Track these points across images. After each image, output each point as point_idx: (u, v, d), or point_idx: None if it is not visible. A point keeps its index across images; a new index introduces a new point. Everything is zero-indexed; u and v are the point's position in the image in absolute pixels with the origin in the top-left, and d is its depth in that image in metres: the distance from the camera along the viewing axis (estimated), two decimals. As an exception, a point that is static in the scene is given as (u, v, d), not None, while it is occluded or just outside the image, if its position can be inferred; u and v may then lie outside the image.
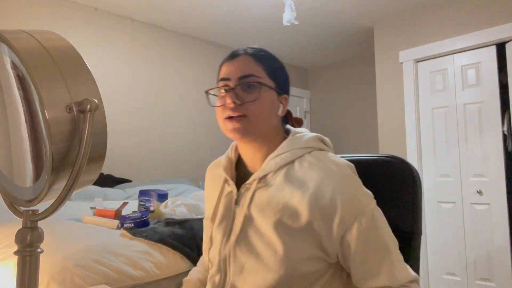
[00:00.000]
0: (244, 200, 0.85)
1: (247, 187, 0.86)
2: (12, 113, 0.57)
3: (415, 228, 0.90)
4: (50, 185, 0.53)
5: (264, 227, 0.80)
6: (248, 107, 0.82)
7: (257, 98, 0.83)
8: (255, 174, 0.85)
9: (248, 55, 0.88)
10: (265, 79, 0.86)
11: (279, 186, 0.82)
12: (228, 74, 0.86)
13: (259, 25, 3.71)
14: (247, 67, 0.85)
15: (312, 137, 0.89)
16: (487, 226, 2.98)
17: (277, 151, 0.85)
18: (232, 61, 0.87)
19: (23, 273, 0.56)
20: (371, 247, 0.77)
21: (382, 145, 3.63)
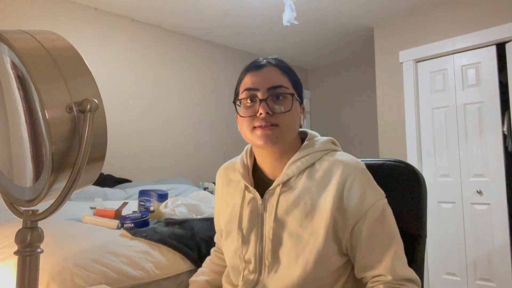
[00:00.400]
0: (271, 205, 0.88)
1: (271, 192, 0.89)
2: (12, 113, 0.57)
3: (420, 231, 0.93)
4: (50, 185, 0.53)
5: (296, 228, 0.84)
6: (279, 117, 0.86)
7: (289, 108, 0.86)
8: (278, 179, 0.88)
9: (274, 66, 0.90)
10: (291, 90, 0.90)
11: (304, 187, 0.86)
12: (255, 85, 0.88)
13: (259, 25, 3.71)
14: (275, 78, 0.88)
15: (327, 140, 0.94)
16: (487, 226, 2.98)
17: (297, 155, 0.89)
18: (259, 71, 0.89)
19: (23, 273, 0.56)
20: (377, 239, 0.82)
21: (382, 145, 3.63)
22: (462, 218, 3.12)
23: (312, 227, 0.83)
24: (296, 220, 0.85)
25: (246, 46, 4.30)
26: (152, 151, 3.55)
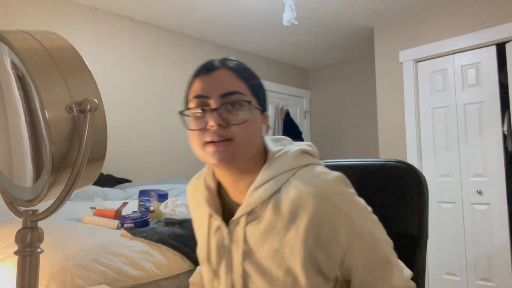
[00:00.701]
0: (237, 236, 0.77)
1: (236, 222, 0.78)
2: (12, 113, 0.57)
3: (421, 232, 0.91)
4: (50, 185, 0.53)
5: (268, 265, 0.74)
6: (234, 130, 0.72)
7: (246, 120, 0.73)
8: (241, 210, 0.77)
9: (228, 68, 0.77)
10: (249, 97, 0.76)
11: (270, 223, 0.74)
12: (205, 91, 0.74)
13: (259, 25, 3.71)
14: (229, 82, 0.75)
15: (294, 153, 0.79)
16: (487, 226, 2.98)
17: (258, 180, 0.76)
18: (210, 75, 0.76)
19: (23, 273, 0.56)
20: (373, 264, 0.74)
21: (382, 145, 3.63)
22: (462, 218, 3.12)
23: (286, 266, 0.73)
24: (266, 257, 0.74)
25: (246, 46, 4.30)
26: (152, 151, 3.55)
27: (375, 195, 0.93)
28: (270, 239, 0.74)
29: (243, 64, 0.81)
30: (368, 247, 0.73)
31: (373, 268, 0.74)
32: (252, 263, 0.76)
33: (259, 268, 0.75)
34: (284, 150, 0.80)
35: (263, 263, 0.75)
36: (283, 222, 0.73)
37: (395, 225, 0.91)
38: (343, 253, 0.73)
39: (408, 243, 0.88)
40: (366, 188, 0.92)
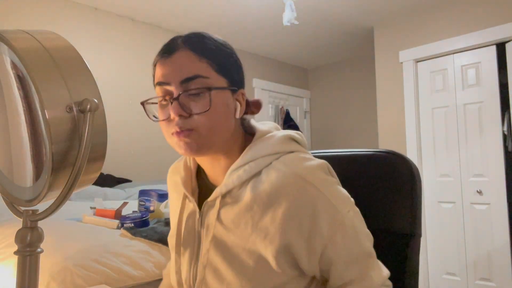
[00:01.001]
0: (209, 220, 0.72)
1: (210, 204, 0.73)
2: (12, 113, 0.57)
3: (414, 229, 0.83)
4: (50, 185, 0.53)
5: (235, 251, 0.69)
6: (197, 119, 0.67)
7: (207, 107, 0.66)
8: (217, 190, 0.72)
9: (188, 48, 0.68)
10: (214, 78, 0.68)
11: (247, 205, 0.69)
12: (166, 78, 0.68)
13: (259, 25, 3.71)
14: (189, 66, 0.67)
15: (280, 138, 0.74)
16: (487, 226, 2.98)
17: (239, 161, 0.71)
18: (169, 58, 0.68)
19: (23, 273, 0.56)
20: (354, 258, 0.69)
21: (382, 145, 3.63)
22: (462, 218, 3.12)
23: (257, 253, 0.67)
24: (237, 243, 0.69)
25: (246, 46, 4.30)
26: (152, 151, 3.55)
27: (364, 187, 0.88)
28: (244, 222, 0.69)
29: (211, 38, 0.72)
30: (350, 238, 0.69)
31: (354, 262, 0.70)
32: (221, 251, 0.70)
33: (228, 257, 0.69)
34: (271, 134, 0.76)
35: (233, 251, 0.69)
36: (260, 205, 0.68)
37: (385, 221, 0.85)
38: (324, 244, 0.68)
39: (399, 240, 0.82)
40: (354, 179, 0.88)
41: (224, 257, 0.70)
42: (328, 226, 0.67)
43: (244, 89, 0.76)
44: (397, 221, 0.85)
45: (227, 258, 0.69)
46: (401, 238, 0.83)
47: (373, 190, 0.88)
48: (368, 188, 0.88)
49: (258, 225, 0.68)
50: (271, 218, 0.67)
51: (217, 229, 0.71)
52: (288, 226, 0.66)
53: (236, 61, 0.75)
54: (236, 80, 0.73)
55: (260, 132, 0.76)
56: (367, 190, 0.88)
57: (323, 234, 0.67)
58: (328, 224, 0.67)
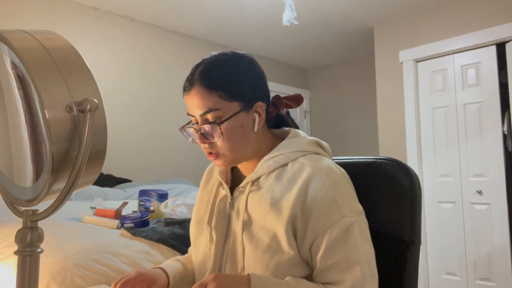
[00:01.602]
0: (240, 204, 0.83)
1: (241, 190, 0.85)
2: (12, 113, 0.57)
3: (413, 237, 0.84)
4: (50, 185, 0.53)
5: (258, 230, 0.78)
6: (219, 144, 0.80)
7: (221, 137, 0.79)
8: (248, 177, 0.84)
9: (200, 85, 0.80)
10: (226, 107, 0.79)
11: (269, 187, 0.80)
12: (191, 111, 0.82)
13: (259, 25, 3.71)
14: (202, 102, 0.79)
15: (309, 140, 0.87)
16: (487, 226, 2.98)
17: (271, 153, 0.84)
18: (189, 94, 0.82)
19: (23, 273, 0.56)
20: (335, 260, 0.73)
21: (382, 145, 3.63)
22: (462, 218, 3.12)
23: (273, 231, 0.76)
24: (258, 222, 0.79)
25: (246, 46, 4.30)
26: (152, 151, 3.55)
27: (364, 195, 0.88)
28: (264, 203, 0.79)
29: (216, 64, 0.82)
30: (336, 240, 0.73)
31: (334, 265, 0.73)
32: (247, 231, 0.80)
33: (249, 235, 0.79)
34: (302, 135, 0.89)
35: (254, 229, 0.79)
36: (281, 188, 0.79)
37: (384, 228, 0.86)
38: (316, 234, 0.74)
39: (399, 247, 0.82)
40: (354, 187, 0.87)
41: (248, 235, 0.79)
42: (323, 219, 0.74)
43: (264, 99, 0.85)
44: (397, 229, 0.85)
45: (249, 235, 0.79)
46: (400, 245, 0.84)
47: (372, 198, 0.89)
48: (368, 195, 0.89)
49: (276, 205, 0.77)
50: (287, 198, 0.77)
51: (247, 211, 0.81)
52: (297, 201, 0.75)
53: (251, 77, 0.84)
54: (249, 97, 0.82)
55: (292, 133, 0.89)
56: (367, 197, 0.88)
57: (317, 224, 0.74)
58: (324, 217, 0.74)
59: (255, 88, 0.84)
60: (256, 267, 0.76)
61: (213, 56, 0.84)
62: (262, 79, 0.87)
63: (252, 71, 0.86)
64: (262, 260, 0.76)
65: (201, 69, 0.81)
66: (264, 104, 0.84)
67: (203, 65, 0.82)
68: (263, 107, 0.84)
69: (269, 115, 0.89)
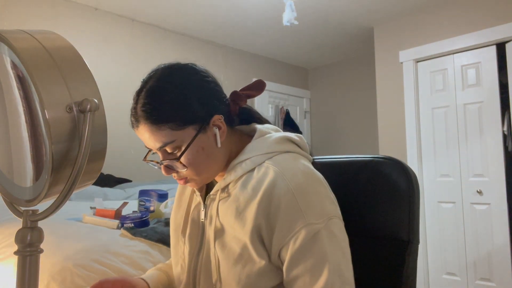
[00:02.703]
0: (212, 212, 0.79)
1: (212, 197, 0.81)
2: (12, 113, 0.57)
3: (411, 237, 0.83)
4: (50, 185, 0.53)
5: (229, 239, 0.75)
6: (185, 172, 0.77)
7: (184, 167, 0.75)
8: (217, 185, 0.80)
9: (145, 123, 0.75)
10: (180, 135, 0.74)
11: (234, 196, 0.76)
12: (147, 145, 0.79)
13: (259, 25, 3.71)
14: (154, 137, 0.75)
15: (277, 138, 0.80)
16: (487, 226, 2.98)
17: (237, 158, 0.79)
18: (138, 130, 0.78)
19: (23, 273, 0.56)
20: (299, 271, 0.69)
21: (382, 145, 3.63)
22: (462, 218, 3.12)
23: (242, 240, 0.73)
24: (229, 231, 0.75)
25: (246, 46, 4.30)
26: (152, 151, 3.54)
27: (361, 194, 0.88)
28: (230, 212, 0.75)
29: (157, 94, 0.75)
30: (301, 248, 0.69)
31: (300, 275, 0.69)
32: (218, 239, 0.77)
33: (221, 244, 0.76)
34: (269, 134, 0.82)
35: (225, 238, 0.76)
36: (246, 197, 0.74)
37: (382, 228, 0.85)
38: (281, 244, 0.70)
39: (397, 247, 0.82)
40: (351, 185, 0.88)
41: (220, 245, 0.76)
42: (287, 228, 0.69)
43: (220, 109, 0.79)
44: (395, 228, 0.84)
45: (221, 245, 0.76)
46: (398, 244, 0.83)
47: (370, 196, 0.88)
48: (366, 194, 0.88)
49: (240, 215, 0.73)
50: (250, 209, 0.73)
51: (218, 219, 0.78)
52: (259, 211, 0.71)
53: (198, 94, 0.76)
54: (203, 116, 0.76)
55: (259, 132, 0.82)
56: (365, 197, 0.88)
57: (281, 234, 0.70)
58: (288, 226, 0.69)
59: (206, 104, 0.77)
60: (229, 278, 0.73)
61: (152, 79, 0.79)
62: (211, 89, 0.80)
63: (198, 86, 0.79)
64: (234, 271, 0.73)
65: (142, 102, 0.76)
66: (221, 116, 0.78)
67: (143, 96, 0.76)
68: (221, 119, 0.78)
69: (231, 115, 0.83)
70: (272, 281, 0.73)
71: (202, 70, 0.83)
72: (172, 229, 0.91)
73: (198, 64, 0.85)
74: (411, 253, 0.82)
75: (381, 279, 0.83)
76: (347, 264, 0.72)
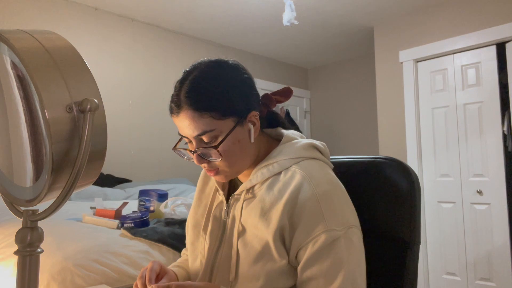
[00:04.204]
0: (235, 212, 0.81)
1: (236, 198, 0.83)
2: (12, 113, 0.57)
3: (412, 237, 0.83)
4: (50, 185, 0.53)
5: (251, 238, 0.77)
6: (217, 163, 0.78)
7: (219, 157, 0.76)
8: (243, 185, 0.82)
9: (189, 108, 0.75)
10: (219, 125, 0.75)
11: (260, 197, 0.78)
12: (183, 133, 0.79)
13: (259, 25, 3.71)
14: (194, 125, 0.75)
15: (304, 145, 0.82)
16: (487, 226, 2.98)
17: (264, 161, 0.81)
18: (178, 117, 0.77)
19: (23, 273, 0.56)
20: (314, 273, 0.71)
21: (382, 145, 3.63)
22: (462, 218, 3.12)
23: (264, 239, 0.74)
24: (251, 230, 0.77)
25: (246, 46, 4.30)
26: (152, 151, 3.55)
27: (363, 194, 0.88)
28: (254, 212, 0.77)
29: (203, 82, 0.76)
30: (318, 253, 0.70)
31: (313, 278, 0.71)
32: (241, 239, 0.78)
33: (243, 243, 0.77)
34: (296, 140, 0.85)
35: (248, 238, 0.77)
36: (272, 198, 0.76)
37: (383, 228, 0.86)
38: (300, 246, 0.72)
39: (398, 248, 0.82)
40: (353, 186, 0.88)
41: (243, 243, 0.77)
42: (308, 231, 0.72)
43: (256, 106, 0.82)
44: (396, 229, 0.84)
45: (243, 244, 0.77)
46: (400, 245, 0.83)
47: (372, 197, 0.88)
48: (367, 195, 0.88)
49: (265, 215, 0.75)
50: (276, 209, 0.74)
51: (242, 219, 0.79)
52: (284, 212, 0.73)
53: (241, 88, 0.80)
54: (242, 110, 0.78)
55: (286, 137, 0.85)
56: (366, 197, 0.88)
57: (301, 235, 0.72)
58: (309, 230, 0.72)
59: (246, 99, 0.80)
60: (248, 276, 0.75)
61: (197, 70, 0.79)
62: (251, 86, 0.82)
63: (240, 80, 0.81)
64: (254, 269, 0.74)
65: (187, 89, 0.76)
66: (257, 112, 0.81)
67: (188, 84, 0.76)
68: (257, 116, 0.80)
69: (262, 116, 0.85)
70: (289, 281, 0.75)
71: (243, 68, 0.84)
72: (191, 225, 0.92)
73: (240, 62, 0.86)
74: (412, 253, 0.82)
75: (382, 279, 0.83)
76: (362, 274, 0.73)
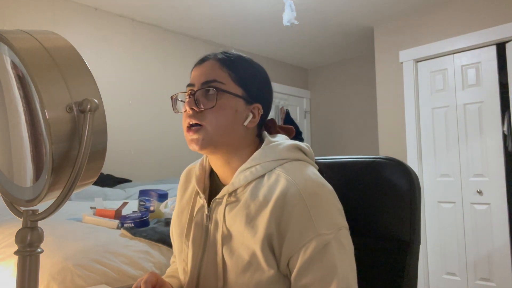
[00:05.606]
0: (218, 216, 0.78)
1: (218, 201, 0.80)
2: (12, 113, 0.57)
3: (412, 237, 0.82)
4: (50, 185, 0.53)
5: (237, 246, 0.74)
6: (205, 115, 0.76)
7: (213, 105, 0.75)
8: (225, 189, 0.79)
9: (216, 60, 0.81)
10: (230, 86, 0.78)
11: (245, 202, 0.75)
12: (193, 80, 0.80)
13: (259, 25, 3.71)
14: (211, 72, 0.79)
15: (287, 146, 0.80)
16: (487, 226, 2.98)
17: (247, 163, 0.78)
18: (200, 66, 0.81)
19: (23, 273, 0.56)
20: (309, 280, 0.69)
21: (382, 145, 3.63)
22: (462, 218, 3.12)
23: (251, 248, 0.72)
24: (237, 237, 0.74)
25: (246, 46, 4.30)
26: (152, 151, 3.55)
27: (363, 194, 0.88)
28: (239, 219, 0.74)
29: (239, 56, 0.84)
30: (311, 258, 0.69)
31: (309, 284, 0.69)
32: (226, 245, 0.76)
33: (229, 250, 0.75)
34: (279, 141, 0.82)
35: (234, 245, 0.75)
36: (257, 204, 0.74)
37: (383, 228, 0.85)
38: (291, 253, 0.70)
39: (398, 248, 0.82)
40: (353, 186, 0.87)
41: (228, 251, 0.75)
42: (297, 238, 0.70)
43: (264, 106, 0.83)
44: (396, 229, 0.84)
45: (229, 251, 0.75)
46: (400, 245, 0.83)
47: (372, 197, 0.88)
48: (367, 195, 0.88)
49: (251, 223, 0.73)
50: (262, 217, 0.72)
51: (226, 224, 0.77)
52: (271, 219, 0.71)
53: (261, 80, 0.84)
54: (253, 94, 0.81)
55: (267, 140, 0.82)
56: (366, 197, 0.88)
57: (291, 243, 0.70)
58: (299, 235, 0.70)
59: (261, 91, 0.84)
60: (237, 286, 0.73)
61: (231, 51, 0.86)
62: (269, 89, 0.87)
63: (264, 76, 0.86)
64: (243, 279, 0.72)
65: (223, 52, 0.83)
66: (261, 109, 0.83)
67: (225, 52, 0.84)
68: (260, 111, 0.82)
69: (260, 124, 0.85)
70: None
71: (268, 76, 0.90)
72: (177, 234, 0.88)
73: None
74: (412, 254, 0.82)
75: (382, 280, 0.83)
76: (354, 277, 0.72)
